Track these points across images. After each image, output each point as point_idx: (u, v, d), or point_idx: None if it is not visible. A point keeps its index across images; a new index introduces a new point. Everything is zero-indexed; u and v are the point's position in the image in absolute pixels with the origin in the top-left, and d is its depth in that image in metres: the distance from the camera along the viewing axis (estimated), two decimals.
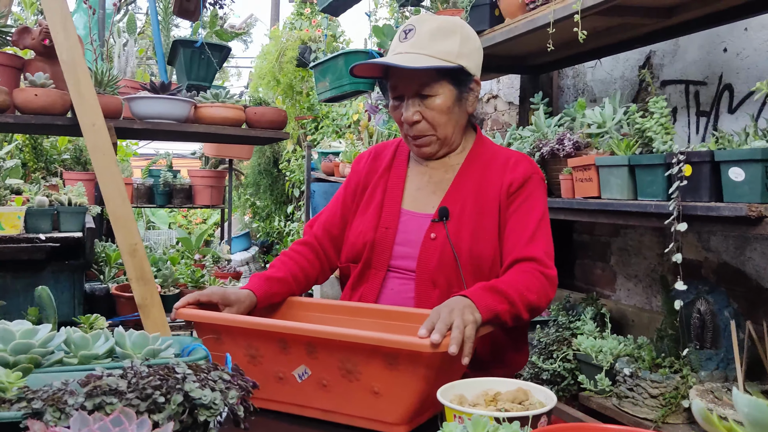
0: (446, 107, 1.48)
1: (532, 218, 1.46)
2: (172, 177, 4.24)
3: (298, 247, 1.64)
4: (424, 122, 1.49)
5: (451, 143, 1.55)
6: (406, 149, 1.65)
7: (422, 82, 1.46)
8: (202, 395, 0.89)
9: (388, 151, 1.67)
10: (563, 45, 2.23)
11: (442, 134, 1.51)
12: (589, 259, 2.92)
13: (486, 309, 1.25)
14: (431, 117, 1.48)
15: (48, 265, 2.59)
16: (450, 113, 1.49)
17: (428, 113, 1.48)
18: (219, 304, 1.38)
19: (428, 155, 1.56)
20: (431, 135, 1.51)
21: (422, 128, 1.50)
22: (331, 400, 1.20)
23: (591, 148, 1.94)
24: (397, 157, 1.65)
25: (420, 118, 1.48)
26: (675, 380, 1.78)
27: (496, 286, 1.31)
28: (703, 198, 1.49)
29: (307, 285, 1.62)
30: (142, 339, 1.15)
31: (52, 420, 0.78)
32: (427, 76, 1.45)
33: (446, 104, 1.47)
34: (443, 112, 1.48)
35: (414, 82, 1.46)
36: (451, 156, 1.58)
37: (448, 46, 1.45)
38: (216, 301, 1.38)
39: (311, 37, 5.83)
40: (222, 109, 2.50)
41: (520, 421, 0.93)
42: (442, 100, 1.47)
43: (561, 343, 2.17)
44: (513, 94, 3.52)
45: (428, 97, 1.47)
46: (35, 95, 2.25)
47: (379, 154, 1.68)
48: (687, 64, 2.39)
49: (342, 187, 1.70)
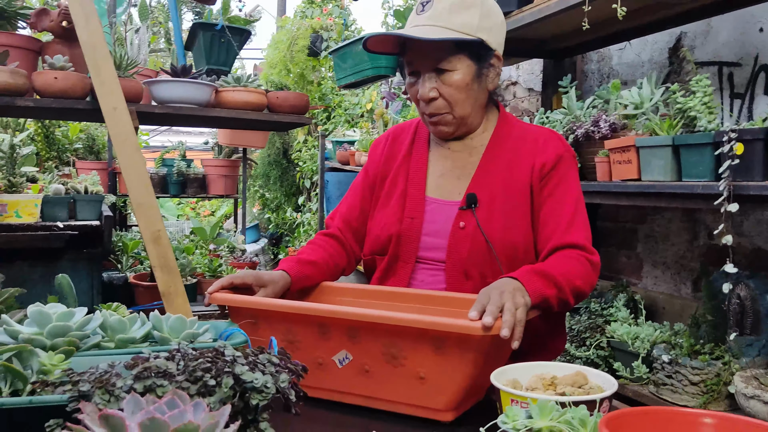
0: (464, 83, 1.40)
1: (568, 202, 1.40)
2: (186, 166, 4.20)
3: (323, 238, 1.58)
4: (440, 99, 1.42)
5: (470, 123, 1.48)
6: (425, 131, 1.58)
7: (439, 56, 1.38)
8: (254, 378, 0.84)
9: (406, 134, 1.60)
10: (591, 27, 2.16)
11: (459, 113, 1.44)
12: (614, 247, 2.86)
13: (535, 293, 1.20)
14: (448, 94, 1.41)
15: (66, 254, 2.56)
16: (468, 90, 1.42)
17: (445, 90, 1.40)
18: (253, 286, 1.34)
19: (445, 135, 1.49)
20: (447, 113, 1.44)
21: (439, 105, 1.42)
22: (374, 386, 1.15)
23: (628, 130, 1.88)
24: (417, 140, 1.57)
25: (437, 95, 1.41)
26: (716, 367, 1.73)
27: (544, 270, 1.26)
28: (755, 177, 1.43)
29: (336, 273, 1.56)
30: (180, 323, 1.11)
31: (102, 402, 0.73)
32: (445, 50, 1.38)
33: (464, 80, 1.40)
34: (461, 89, 1.40)
35: (430, 56, 1.39)
36: (473, 137, 1.51)
37: (467, 18, 1.38)
38: (250, 282, 1.34)
39: (323, 25, 5.77)
40: (244, 94, 2.45)
41: (586, 405, 0.88)
42: (460, 76, 1.40)
43: (594, 331, 2.12)
44: (533, 81, 3.45)
45: (445, 72, 1.39)
46: (55, 78, 2.20)
47: (396, 138, 1.61)
48: (720, 46, 2.33)
49: (360, 177, 1.63)
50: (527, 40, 2.76)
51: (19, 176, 2.55)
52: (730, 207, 1.45)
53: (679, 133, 1.72)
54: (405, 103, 4.08)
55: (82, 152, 4.24)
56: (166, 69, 2.50)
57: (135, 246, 3.31)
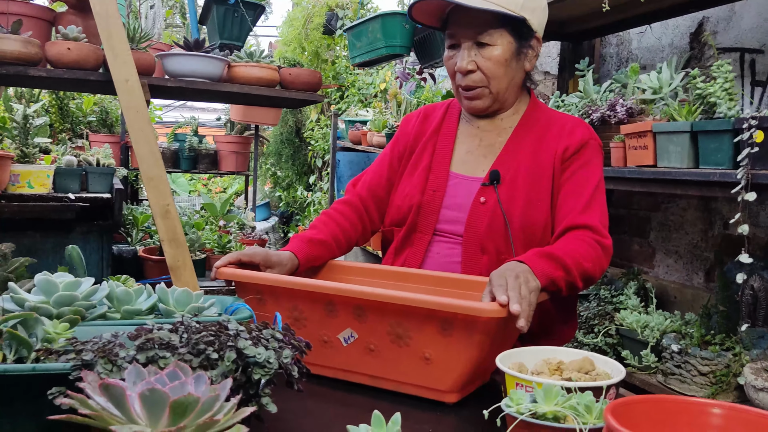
0: (504, 59, 1.40)
1: (588, 185, 1.39)
2: (198, 142, 4.19)
3: (340, 206, 1.58)
4: (478, 72, 1.41)
5: (504, 100, 1.47)
6: (456, 110, 1.58)
7: (481, 29, 1.38)
8: (256, 353, 0.84)
9: (438, 113, 1.60)
10: (611, 10, 2.11)
11: (495, 88, 1.43)
12: (626, 234, 2.83)
13: (543, 275, 1.19)
14: (486, 67, 1.40)
15: (77, 226, 2.57)
16: (507, 66, 1.41)
17: (484, 63, 1.40)
18: (261, 265, 1.34)
19: (479, 110, 1.48)
20: (484, 87, 1.43)
21: (476, 78, 1.42)
22: (379, 365, 1.15)
23: (645, 115, 1.84)
24: (447, 118, 1.57)
25: (474, 68, 1.41)
26: (727, 358, 1.71)
27: (552, 252, 1.25)
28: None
29: (348, 248, 1.56)
30: (186, 296, 1.10)
31: (104, 372, 0.73)
32: (488, 23, 1.37)
33: (504, 56, 1.39)
34: (500, 64, 1.40)
35: (472, 27, 1.38)
36: (503, 117, 1.51)
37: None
38: (258, 261, 1.34)
39: (338, 3, 5.71)
40: (257, 69, 2.42)
41: (593, 391, 0.87)
42: (500, 51, 1.39)
43: (603, 318, 2.10)
44: (549, 63, 3.40)
45: (486, 46, 1.39)
46: (68, 49, 2.19)
47: (428, 116, 1.61)
48: (743, 31, 2.27)
49: (388, 147, 1.63)
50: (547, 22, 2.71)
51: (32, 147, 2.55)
52: (748, 196, 1.42)
53: (698, 120, 1.68)
54: (419, 84, 4.04)
55: (95, 125, 4.25)
56: (179, 43, 2.48)
57: (145, 220, 3.32)
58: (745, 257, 1.49)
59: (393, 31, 2.63)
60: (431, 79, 3.59)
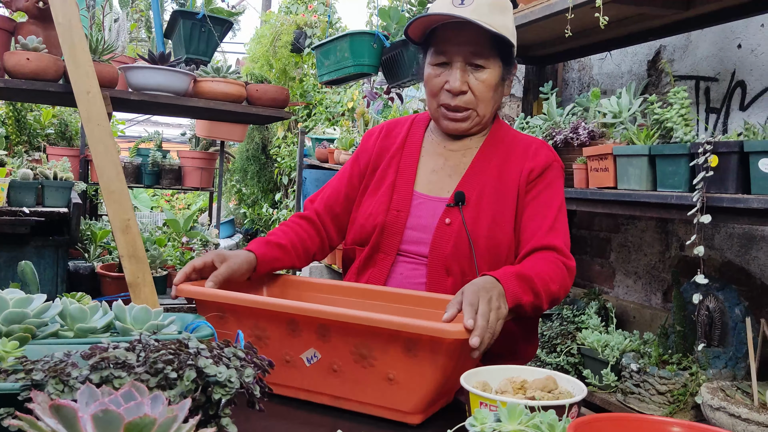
0: (493, 83, 1.41)
1: (552, 207, 1.41)
2: (162, 157, 4.12)
3: (297, 220, 1.56)
4: (469, 93, 1.41)
5: (485, 123, 1.48)
6: (421, 126, 1.57)
7: (476, 51, 1.38)
8: (217, 372, 0.82)
9: (401, 128, 1.59)
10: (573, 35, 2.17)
11: (482, 111, 1.44)
12: (588, 255, 2.88)
13: (513, 299, 1.19)
14: (479, 90, 1.40)
15: (31, 240, 2.49)
16: (495, 91, 1.43)
17: (476, 85, 1.40)
18: (215, 262, 1.30)
19: (462, 131, 1.48)
20: (472, 109, 1.43)
21: (467, 100, 1.41)
22: (342, 386, 1.13)
23: (606, 138, 1.89)
24: (412, 134, 1.57)
25: (467, 89, 1.40)
26: (684, 377, 1.75)
27: (524, 273, 1.24)
28: (729, 190, 1.45)
29: (306, 258, 1.54)
30: (144, 313, 1.07)
31: (55, 392, 0.70)
32: (483, 45, 1.38)
33: (494, 80, 1.41)
34: (490, 88, 1.41)
35: (468, 48, 1.38)
36: (472, 138, 1.51)
37: (505, 21, 1.39)
38: (211, 260, 1.30)
39: (307, 22, 5.72)
40: (223, 84, 2.40)
41: (555, 410, 0.87)
42: (490, 75, 1.40)
43: (565, 337, 2.13)
44: (514, 86, 3.47)
45: (479, 68, 1.40)
46: (27, 59, 2.14)
47: (390, 132, 1.60)
48: (698, 60, 2.36)
49: (348, 164, 1.62)
50: None
51: None
52: (703, 218, 1.47)
53: (655, 144, 1.73)
54: (386, 104, 4.07)
55: (53, 138, 4.14)
56: (143, 56, 2.45)
57: (104, 235, 3.23)
58: (701, 278, 1.53)
59: (361, 50, 2.65)
60: (398, 98, 3.62)
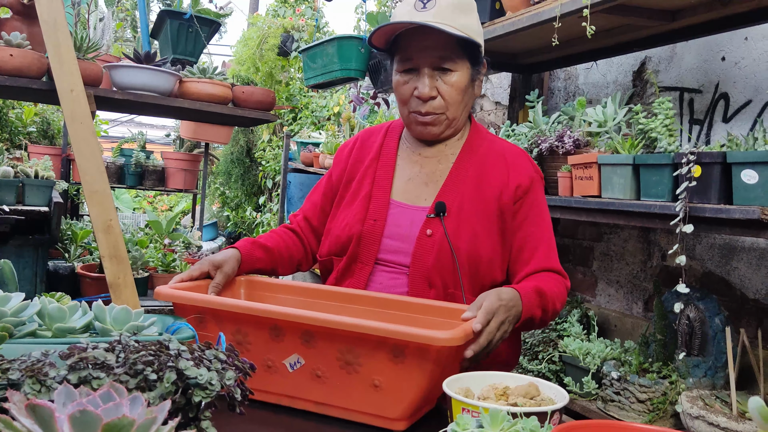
0: (463, 85, 1.40)
1: (544, 225, 1.44)
2: (145, 157, 4.09)
3: (284, 230, 1.59)
4: (439, 98, 1.40)
5: (457, 126, 1.47)
6: (395, 134, 1.56)
7: (443, 55, 1.37)
8: (198, 374, 0.81)
9: (377, 137, 1.57)
10: (560, 45, 2.19)
11: (452, 114, 1.43)
12: (571, 264, 2.90)
13: (528, 311, 1.26)
14: (448, 94, 1.39)
15: (11, 239, 2.45)
16: (464, 93, 1.42)
17: (445, 89, 1.39)
18: (210, 272, 1.34)
19: (434, 136, 1.46)
20: (442, 113, 1.42)
21: (436, 105, 1.40)
22: (326, 392, 1.12)
23: (591, 147, 1.90)
24: (387, 143, 1.55)
25: (436, 94, 1.40)
26: (663, 385, 1.76)
27: (542, 289, 1.30)
28: (711, 200, 1.46)
29: (291, 265, 1.55)
30: (124, 314, 1.06)
31: (32, 392, 0.69)
32: (449, 49, 1.37)
33: (463, 82, 1.40)
34: (459, 91, 1.40)
35: (434, 53, 1.37)
36: (447, 144, 1.50)
37: (469, 21, 1.38)
38: (206, 269, 1.34)
39: (294, 25, 5.71)
40: (209, 86, 2.39)
41: (537, 416, 0.87)
42: (459, 78, 1.39)
43: (547, 345, 2.13)
44: (500, 94, 3.48)
45: (447, 72, 1.38)
46: (10, 55, 2.11)
47: (365, 142, 1.58)
48: (683, 71, 2.39)
49: (325, 177, 1.62)
50: (498, 53, 2.79)
51: None
52: (686, 228, 1.48)
53: (640, 153, 1.75)
54: (372, 109, 4.07)
55: (35, 136, 4.09)
56: (129, 55, 2.43)
57: (85, 236, 3.19)
58: (682, 287, 1.54)
59: (348, 54, 2.65)
60: (385, 104, 3.63)
